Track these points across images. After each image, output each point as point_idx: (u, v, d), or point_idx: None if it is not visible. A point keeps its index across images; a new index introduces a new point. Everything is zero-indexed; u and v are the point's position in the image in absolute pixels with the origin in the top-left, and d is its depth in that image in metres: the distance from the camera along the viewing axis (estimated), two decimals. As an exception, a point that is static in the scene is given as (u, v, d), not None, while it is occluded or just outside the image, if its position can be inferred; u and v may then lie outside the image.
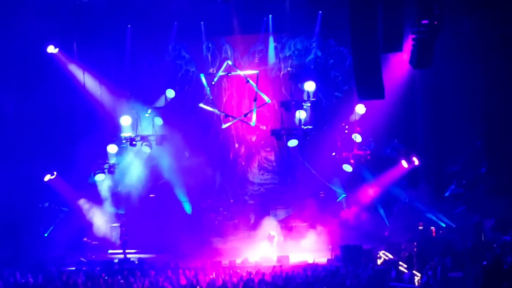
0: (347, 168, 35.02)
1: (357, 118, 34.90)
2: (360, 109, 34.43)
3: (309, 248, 33.85)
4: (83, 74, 36.44)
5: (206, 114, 37.31)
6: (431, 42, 18.75)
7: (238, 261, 32.40)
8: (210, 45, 37.76)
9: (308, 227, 35.19)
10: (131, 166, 37.28)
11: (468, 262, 25.84)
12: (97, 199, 36.83)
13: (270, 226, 35.15)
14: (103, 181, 36.48)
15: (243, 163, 38.52)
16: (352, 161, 34.97)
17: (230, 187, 38.50)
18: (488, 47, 30.82)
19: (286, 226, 35.45)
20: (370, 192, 35.38)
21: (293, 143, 35.27)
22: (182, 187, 37.39)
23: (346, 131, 35.45)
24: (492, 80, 30.42)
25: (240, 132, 38.27)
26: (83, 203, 36.41)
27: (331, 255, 32.33)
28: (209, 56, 37.87)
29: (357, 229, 34.07)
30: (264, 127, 37.45)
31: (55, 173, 35.71)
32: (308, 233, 34.80)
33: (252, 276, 26.67)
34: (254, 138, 38.02)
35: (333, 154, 35.61)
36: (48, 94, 35.44)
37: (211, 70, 37.30)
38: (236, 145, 38.47)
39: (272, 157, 38.34)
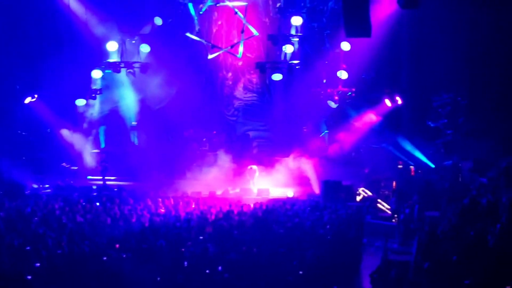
0: (331, 104, 35.07)
1: (342, 54, 34.80)
2: (345, 46, 34.27)
3: (289, 183, 34.06)
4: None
5: (194, 44, 37.01)
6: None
7: (218, 192, 32.61)
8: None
9: (289, 161, 35.27)
10: (115, 92, 37.15)
11: (444, 202, 26.10)
12: (78, 124, 36.76)
13: (252, 159, 35.28)
14: (85, 106, 36.35)
15: (230, 83, 38.65)
16: (336, 97, 34.98)
17: (217, 108, 38.71)
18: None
19: (268, 160, 35.51)
20: (352, 129, 35.45)
21: (277, 77, 35.24)
22: (166, 115, 37.38)
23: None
24: (477, 24, 30.29)
25: (228, 60, 38.17)
26: (64, 128, 36.33)
27: (312, 190, 32.70)
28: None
29: (337, 165, 34.17)
30: (250, 55, 37.51)
31: (35, 95, 35.48)
32: (288, 167, 34.90)
33: (231, 207, 26.83)
34: (240, 63, 37.87)
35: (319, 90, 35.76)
36: (32, 15, 35.16)
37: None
38: (224, 72, 38.51)
39: (255, 79, 38.48)
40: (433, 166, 32.15)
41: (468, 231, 18.48)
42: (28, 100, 35.43)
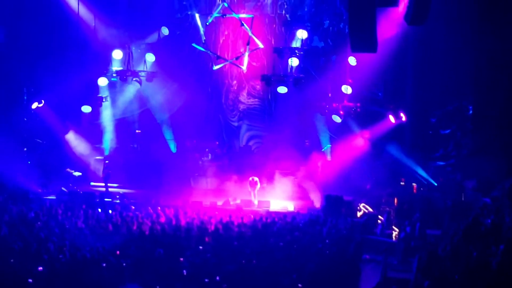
0: (336, 119, 35.08)
1: (349, 69, 34.85)
2: (352, 61, 34.32)
3: (290, 196, 34.06)
4: (78, 3, 35.87)
5: (199, 54, 37.10)
6: (427, -1, 18.60)
7: (219, 203, 32.64)
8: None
9: (291, 174, 35.25)
10: (120, 100, 37.29)
11: (446, 220, 26.06)
12: (83, 131, 36.89)
13: (253, 171, 35.22)
14: (91, 113, 36.43)
15: (235, 88, 38.68)
16: (341, 112, 34.99)
17: (221, 115, 38.78)
18: (483, 7, 30.66)
19: (270, 172, 35.45)
20: (357, 144, 35.43)
21: (282, 90, 35.24)
22: (170, 125, 37.55)
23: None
24: (482, 44, 30.29)
25: (234, 69, 38.11)
26: (69, 134, 36.44)
27: (314, 204, 32.73)
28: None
29: (339, 180, 34.13)
30: (255, 64, 37.56)
31: (42, 101, 35.52)
32: (290, 180, 34.86)
33: (232, 219, 26.86)
34: (245, 70, 37.49)
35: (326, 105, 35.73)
36: (40, 21, 35.17)
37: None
38: (229, 80, 38.61)
39: (259, 86, 38.38)
40: (435, 184, 32.18)
41: (470, 251, 18.45)
42: (35, 105, 35.45)
